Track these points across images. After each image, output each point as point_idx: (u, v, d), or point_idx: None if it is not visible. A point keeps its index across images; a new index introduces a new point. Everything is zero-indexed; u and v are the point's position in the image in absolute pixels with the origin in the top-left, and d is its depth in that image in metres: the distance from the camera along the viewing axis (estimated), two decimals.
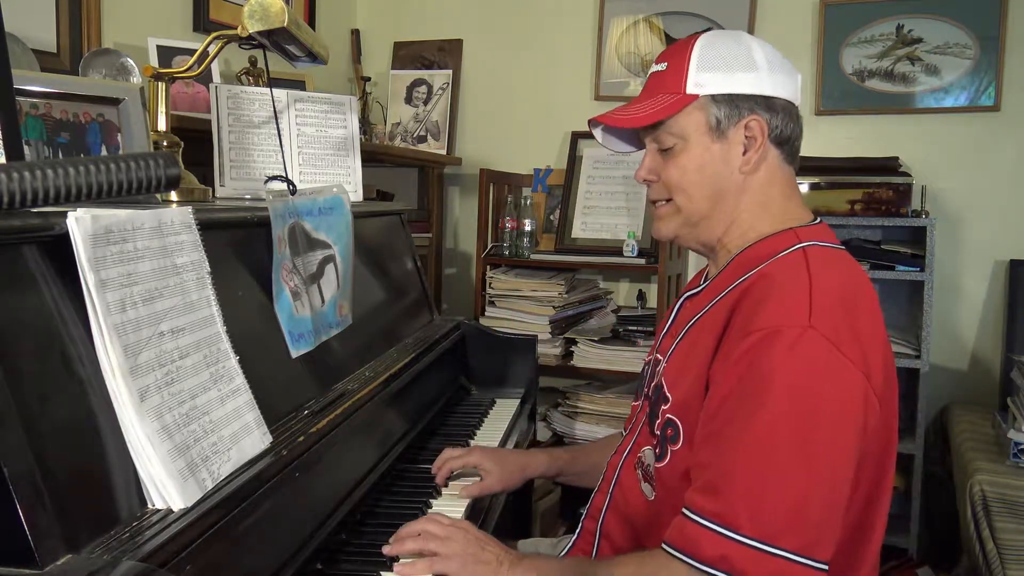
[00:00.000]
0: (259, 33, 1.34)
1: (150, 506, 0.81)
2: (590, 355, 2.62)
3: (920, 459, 2.42)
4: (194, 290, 0.93)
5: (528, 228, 2.77)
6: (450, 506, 1.32)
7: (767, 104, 1.11)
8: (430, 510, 1.30)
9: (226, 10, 2.38)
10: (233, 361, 0.97)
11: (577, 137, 2.90)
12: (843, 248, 1.11)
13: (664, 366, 1.14)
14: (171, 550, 0.76)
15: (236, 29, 1.35)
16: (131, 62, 1.74)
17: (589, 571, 1.05)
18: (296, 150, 1.70)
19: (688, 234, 1.17)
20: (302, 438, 1.06)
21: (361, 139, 1.83)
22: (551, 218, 2.91)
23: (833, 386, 0.94)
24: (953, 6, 2.57)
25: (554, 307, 2.64)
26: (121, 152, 1.25)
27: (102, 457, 0.78)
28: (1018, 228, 2.55)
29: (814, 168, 2.54)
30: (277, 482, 0.97)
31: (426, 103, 3.13)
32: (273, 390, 1.11)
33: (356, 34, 3.18)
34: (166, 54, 2.03)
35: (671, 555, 0.95)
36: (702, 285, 1.18)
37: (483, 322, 2.58)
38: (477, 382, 2.05)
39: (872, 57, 2.67)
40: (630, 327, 2.68)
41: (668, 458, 1.08)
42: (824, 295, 0.98)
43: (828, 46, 2.70)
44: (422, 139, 3.11)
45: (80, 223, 0.78)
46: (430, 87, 3.13)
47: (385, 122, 3.14)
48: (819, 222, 1.15)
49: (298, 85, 2.49)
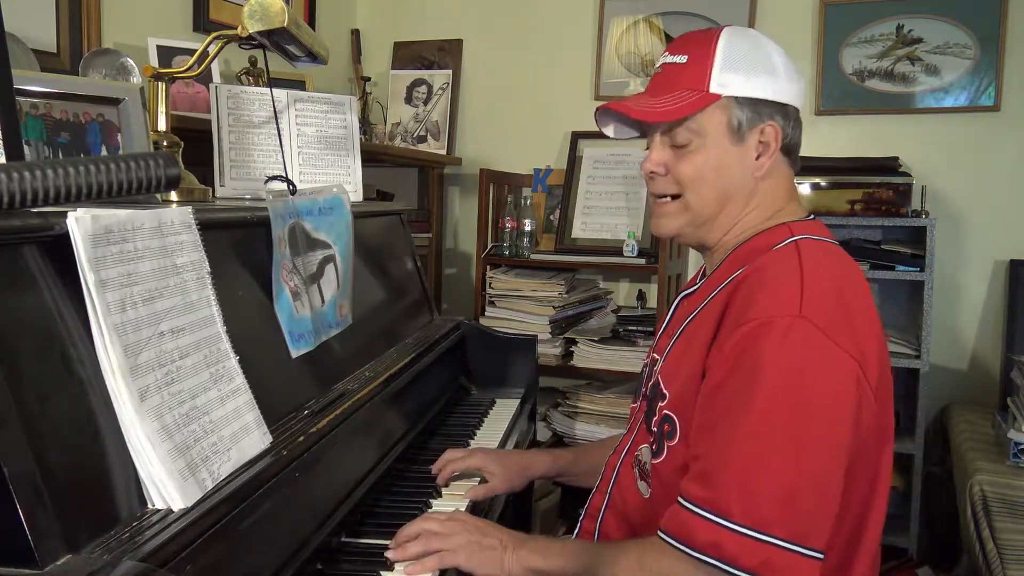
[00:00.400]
0: (259, 33, 1.34)
1: (150, 506, 0.81)
2: (590, 355, 2.62)
3: (920, 459, 2.42)
4: (194, 290, 0.93)
5: (528, 228, 2.77)
6: (450, 507, 1.32)
7: (782, 111, 1.12)
8: (430, 510, 1.30)
9: (226, 10, 2.38)
10: (233, 361, 0.97)
11: (577, 137, 2.90)
12: (835, 243, 1.11)
13: (661, 365, 1.14)
14: (171, 550, 0.76)
15: (236, 29, 1.35)
16: (131, 62, 1.74)
17: (592, 555, 1.05)
18: (296, 150, 1.70)
19: (691, 233, 1.16)
20: (302, 438, 1.06)
21: (361, 139, 1.83)
22: (551, 218, 2.91)
23: (826, 375, 0.94)
24: (953, 6, 2.57)
25: (554, 307, 2.64)
26: (121, 152, 1.25)
27: (102, 457, 0.78)
28: (1018, 228, 2.55)
29: (814, 168, 2.54)
30: (277, 482, 0.97)
31: (426, 103, 3.13)
32: (273, 390, 1.11)
33: (356, 34, 3.18)
34: (166, 54, 2.03)
35: (666, 542, 0.96)
36: (698, 284, 1.19)
37: (483, 322, 2.58)
38: (477, 382, 2.05)
39: (872, 57, 2.67)
40: (630, 327, 2.68)
41: (665, 454, 1.08)
42: (816, 285, 0.98)
43: (828, 46, 2.71)
44: (422, 139, 3.11)
45: (80, 223, 0.78)
46: (430, 87, 3.13)
47: (385, 122, 3.14)
48: (813, 218, 1.16)
49: (298, 85, 2.49)
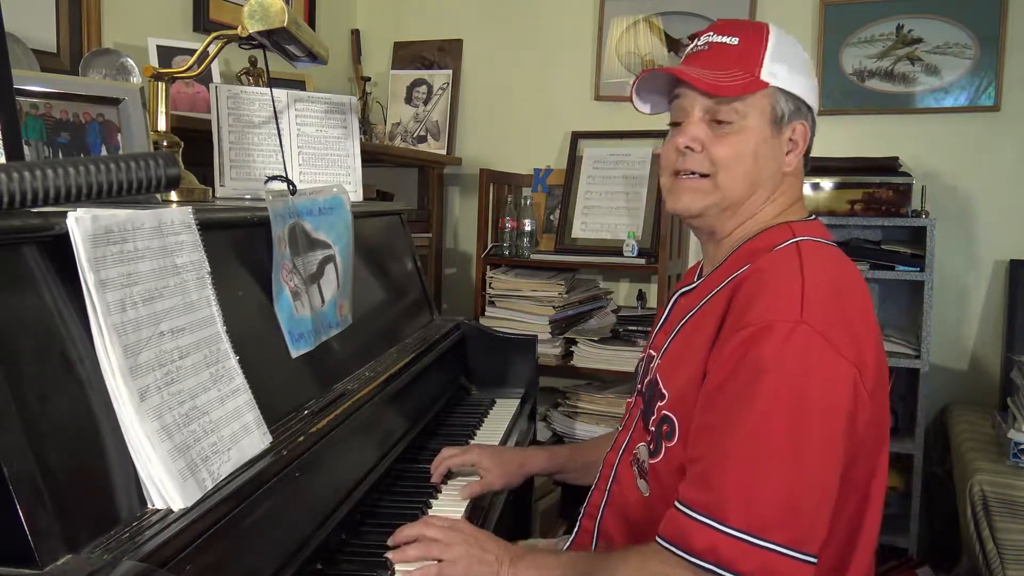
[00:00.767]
0: (259, 33, 1.34)
1: (150, 506, 0.81)
2: (590, 355, 2.62)
3: (920, 459, 2.42)
4: (194, 290, 0.93)
5: (528, 228, 2.77)
6: (450, 507, 1.32)
7: (812, 114, 1.14)
8: (430, 510, 1.30)
9: (226, 10, 2.38)
10: (233, 361, 0.97)
11: (577, 137, 2.90)
12: (835, 245, 1.11)
13: (659, 362, 1.14)
14: (171, 550, 0.76)
15: (236, 29, 1.35)
16: (131, 62, 1.75)
17: (591, 566, 1.05)
18: (296, 150, 1.70)
19: (713, 216, 1.13)
20: (302, 438, 1.06)
21: (361, 139, 1.83)
22: (551, 218, 2.91)
23: (824, 381, 0.94)
24: (953, 6, 2.57)
25: (554, 307, 2.64)
26: (121, 152, 1.25)
27: (102, 457, 0.78)
28: (1018, 228, 2.55)
29: (814, 168, 2.51)
30: (277, 482, 0.97)
31: (426, 103, 3.13)
32: (273, 390, 1.11)
33: (356, 34, 3.18)
34: (166, 54, 2.03)
35: (664, 548, 0.96)
36: (696, 282, 1.18)
37: (483, 322, 2.58)
38: (477, 382, 2.05)
39: (872, 57, 2.67)
40: (630, 327, 2.68)
41: (662, 454, 1.08)
42: (816, 290, 0.98)
43: (828, 46, 2.70)
44: (422, 139, 3.11)
45: (80, 223, 0.78)
46: (430, 87, 3.13)
47: (385, 122, 3.14)
48: (814, 218, 1.16)
49: (298, 85, 2.49)
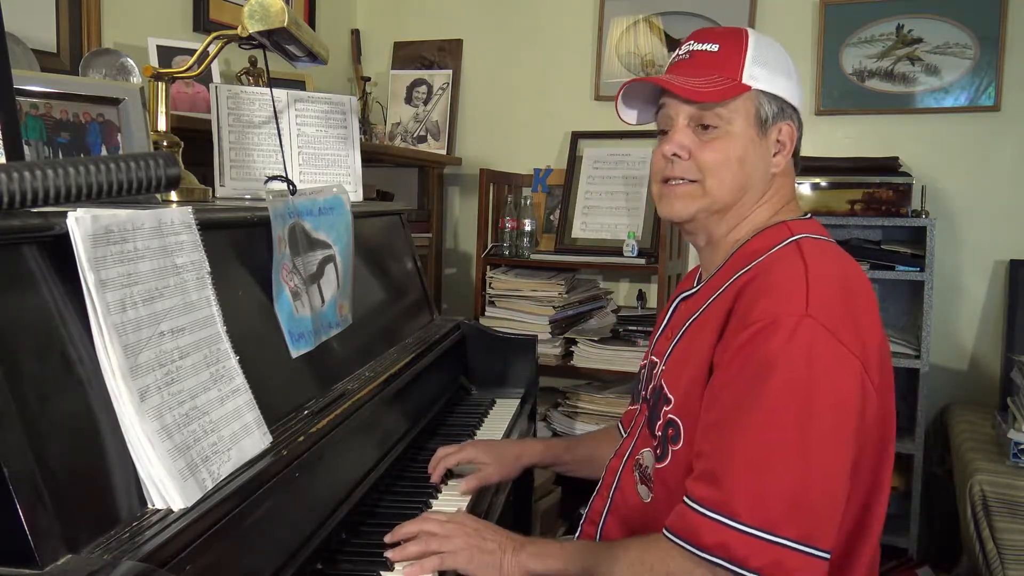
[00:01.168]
0: (259, 33, 1.34)
1: (150, 506, 0.81)
2: (590, 355, 2.62)
3: (920, 459, 2.42)
4: (194, 290, 0.93)
5: (528, 228, 2.77)
6: (450, 506, 1.32)
7: (797, 114, 1.15)
8: (430, 510, 1.30)
9: (226, 10, 2.38)
10: (233, 361, 0.97)
11: (577, 137, 2.90)
12: (833, 241, 1.12)
13: (662, 369, 1.14)
14: (171, 550, 0.76)
15: (236, 29, 1.35)
16: (131, 62, 1.74)
17: (591, 555, 1.05)
18: (296, 150, 1.70)
19: (703, 220, 1.13)
20: (302, 438, 1.06)
21: (361, 139, 1.83)
22: (551, 218, 2.91)
23: (831, 374, 0.94)
24: (953, 6, 2.57)
25: (554, 307, 2.64)
26: (121, 152, 1.25)
27: (102, 457, 0.78)
28: (1018, 228, 2.55)
29: (814, 168, 2.54)
30: (277, 482, 0.97)
31: (426, 103, 3.13)
32: (273, 390, 1.11)
33: (356, 34, 3.18)
34: (166, 54, 2.03)
35: (672, 542, 0.96)
36: (697, 287, 1.18)
37: (483, 322, 2.58)
38: (477, 382, 2.05)
39: (872, 57, 2.67)
40: (630, 327, 2.68)
41: (669, 459, 1.08)
42: (821, 284, 0.98)
43: (828, 46, 2.70)
44: (422, 139, 3.11)
45: (80, 223, 0.78)
46: (430, 87, 3.13)
47: (385, 122, 3.14)
48: (809, 217, 1.16)
49: (298, 85, 2.49)
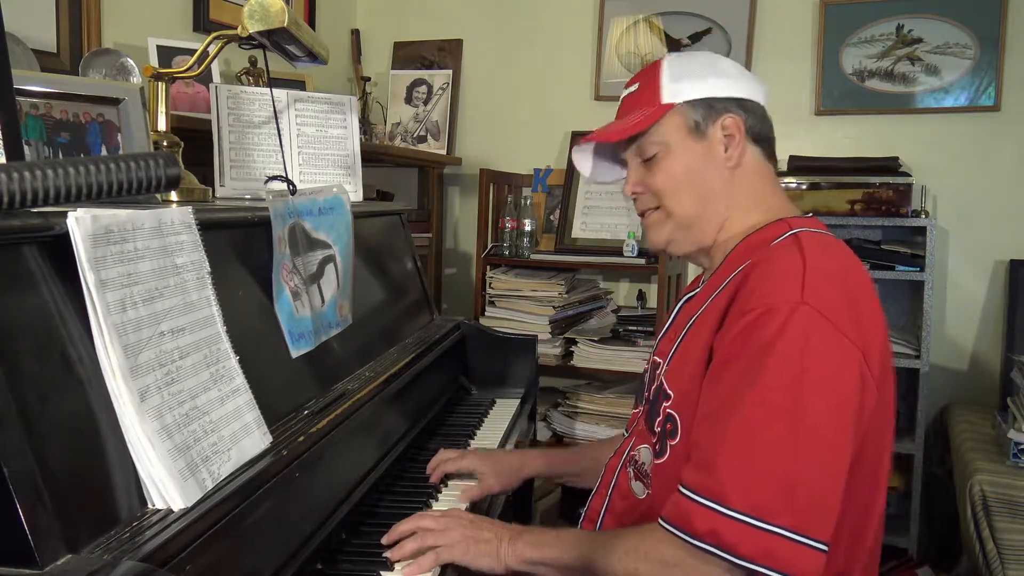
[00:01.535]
0: (259, 33, 1.34)
1: (150, 506, 0.81)
2: (590, 355, 2.62)
3: (920, 459, 2.42)
4: (194, 290, 0.93)
5: (528, 228, 2.78)
6: (450, 507, 1.32)
7: (739, 104, 1.15)
8: (430, 510, 1.30)
9: (226, 10, 2.38)
10: (233, 361, 0.97)
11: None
12: (833, 236, 1.11)
13: (665, 368, 1.14)
14: (171, 550, 0.76)
15: (236, 29, 1.35)
16: (131, 62, 1.74)
17: (590, 544, 1.05)
18: (296, 150, 1.70)
19: (682, 238, 1.18)
20: (302, 438, 1.06)
21: (361, 139, 1.83)
22: (551, 218, 2.91)
23: (827, 362, 0.93)
24: (953, 6, 2.57)
25: (554, 307, 2.64)
26: (121, 152, 1.25)
27: (102, 457, 0.78)
28: (1018, 228, 2.55)
29: (814, 168, 2.54)
30: (277, 482, 0.96)
31: (426, 103, 3.13)
32: (273, 390, 1.11)
33: (356, 34, 3.18)
34: (166, 54, 2.03)
35: (666, 530, 0.96)
36: (699, 287, 1.19)
37: (483, 322, 2.58)
38: (477, 382, 2.05)
39: (872, 57, 2.67)
40: (630, 327, 2.68)
41: (668, 454, 1.07)
42: (818, 273, 0.98)
43: (828, 46, 2.70)
44: (422, 139, 3.11)
45: (80, 223, 0.78)
46: (430, 87, 3.13)
47: (385, 122, 3.14)
48: (810, 216, 1.16)
49: (298, 85, 2.49)
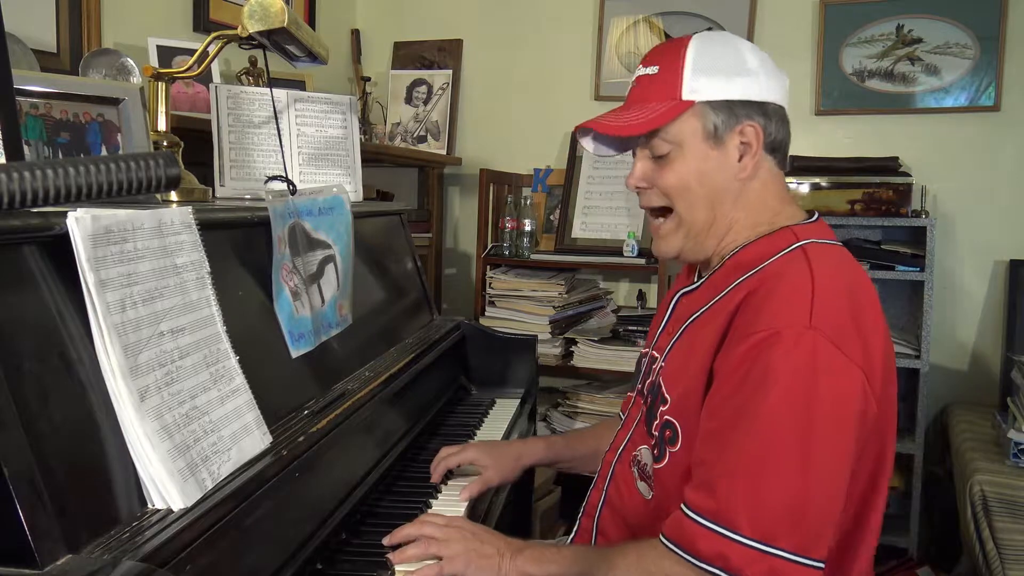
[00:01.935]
0: (259, 33, 1.34)
1: (150, 506, 0.81)
2: (590, 355, 2.62)
3: (920, 459, 2.42)
4: (194, 290, 0.93)
5: (528, 228, 2.77)
6: (450, 506, 1.32)
7: (761, 110, 1.09)
8: (430, 510, 1.30)
9: (226, 10, 2.38)
10: (233, 361, 0.97)
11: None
12: (840, 244, 1.10)
13: (662, 365, 1.14)
14: (171, 550, 0.76)
15: (236, 29, 1.35)
16: (131, 62, 1.74)
17: (590, 560, 1.05)
18: (296, 150, 1.69)
19: (692, 249, 1.14)
20: (302, 438, 1.06)
21: (361, 139, 1.83)
22: (551, 218, 2.91)
23: (833, 387, 0.94)
24: (953, 6, 2.57)
25: (554, 307, 2.64)
26: (121, 152, 1.25)
27: (102, 457, 0.78)
28: (1018, 228, 2.55)
29: (814, 168, 2.54)
30: (277, 482, 0.97)
31: (426, 103, 3.13)
32: (273, 390, 1.11)
33: (356, 34, 3.18)
34: (166, 54, 2.03)
35: (669, 548, 0.96)
36: (697, 282, 1.17)
37: (483, 322, 2.58)
38: (477, 382, 2.05)
39: (872, 57, 2.67)
40: (630, 327, 2.68)
41: (667, 460, 1.08)
42: (827, 295, 0.97)
43: (828, 46, 2.70)
44: (422, 139, 3.11)
45: (80, 223, 0.78)
46: (430, 87, 3.13)
47: (385, 122, 3.14)
48: (816, 219, 1.14)
49: (298, 85, 2.49)
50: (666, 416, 1.08)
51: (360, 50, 3.17)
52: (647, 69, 1.12)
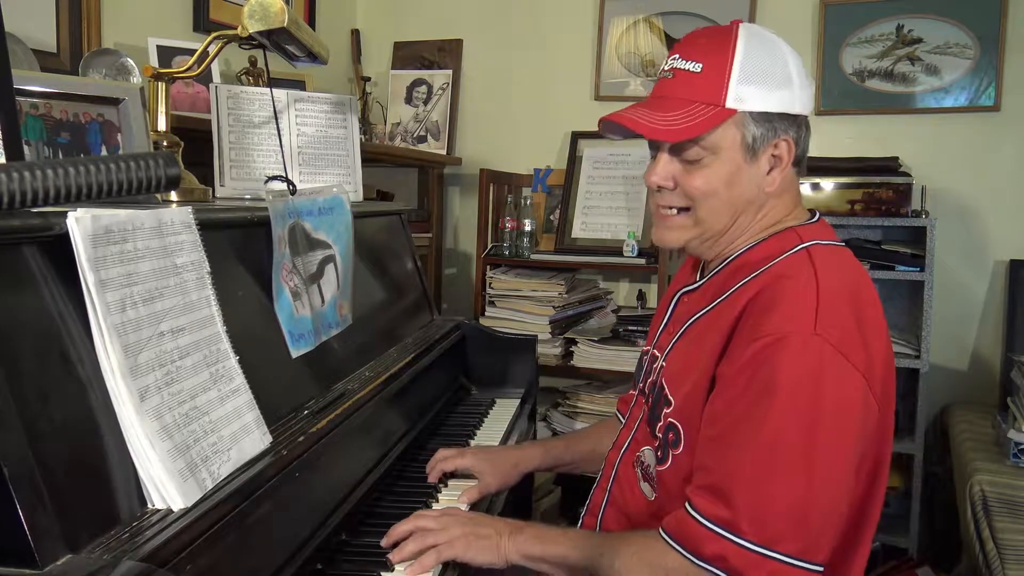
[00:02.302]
0: (259, 33, 1.34)
1: (150, 506, 0.81)
2: (590, 355, 2.62)
3: (920, 459, 2.42)
4: (194, 290, 0.93)
5: (528, 228, 2.77)
6: (450, 506, 1.32)
7: (795, 122, 1.08)
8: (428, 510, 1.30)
9: (226, 10, 2.38)
10: (233, 361, 0.97)
11: (577, 137, 2.90)
12: (843, 244, 1.10)
13: (663, 365, 1.14)
14: (171, 550, 0.76)
15: (236, 29, 1.35)
16: (131, 62, 1.74)
17: (592, 544, 1.05)
18: (296, 150, 1.70)
19: (699, 247, 1.13)
20: (302, 438, 1.06)
21: (361, 139, 1.83)
22: (551, 218, 2.91)
23: (836, 394, 0.95)
24: (953, 6, 2.57)
25: (554, 307, 2.64)
26: (121, 152, 1.25)
27: (102, 457, 0.78)
28: (1018, 228, 2.55)
29: (814, 168, 2.53)
30: (277, 482, 0.97)
31: (426, 103, 3.13)
32: (273, 390, 1.11)
33: (356, 34, 3.18)
34: (166, 54, 2.03)
35: (670, 545, 0.97)
36: (699, 281, 1.17)
37: (483, 322, 2.58)
38: (477, 382, 2.05)
39: (872, 57, 2.67)
40: (630, 327, 2.68)
41: (669, 462, 1.08)
42: (832, 300, 0.97)
43: (828, 46, 2.70)
44: (422, 139, 3.11)
45: (80, 223, 0.78)
46: (430, 87, 3.13)
47: (385, 122, 3.14)
48: (818, 219, 1.14)
49: (298, 85, 2.49)
50: (670, 418, 1.08)
51: (360, 50, 3.17)
52: (688, 64, 1.07)
